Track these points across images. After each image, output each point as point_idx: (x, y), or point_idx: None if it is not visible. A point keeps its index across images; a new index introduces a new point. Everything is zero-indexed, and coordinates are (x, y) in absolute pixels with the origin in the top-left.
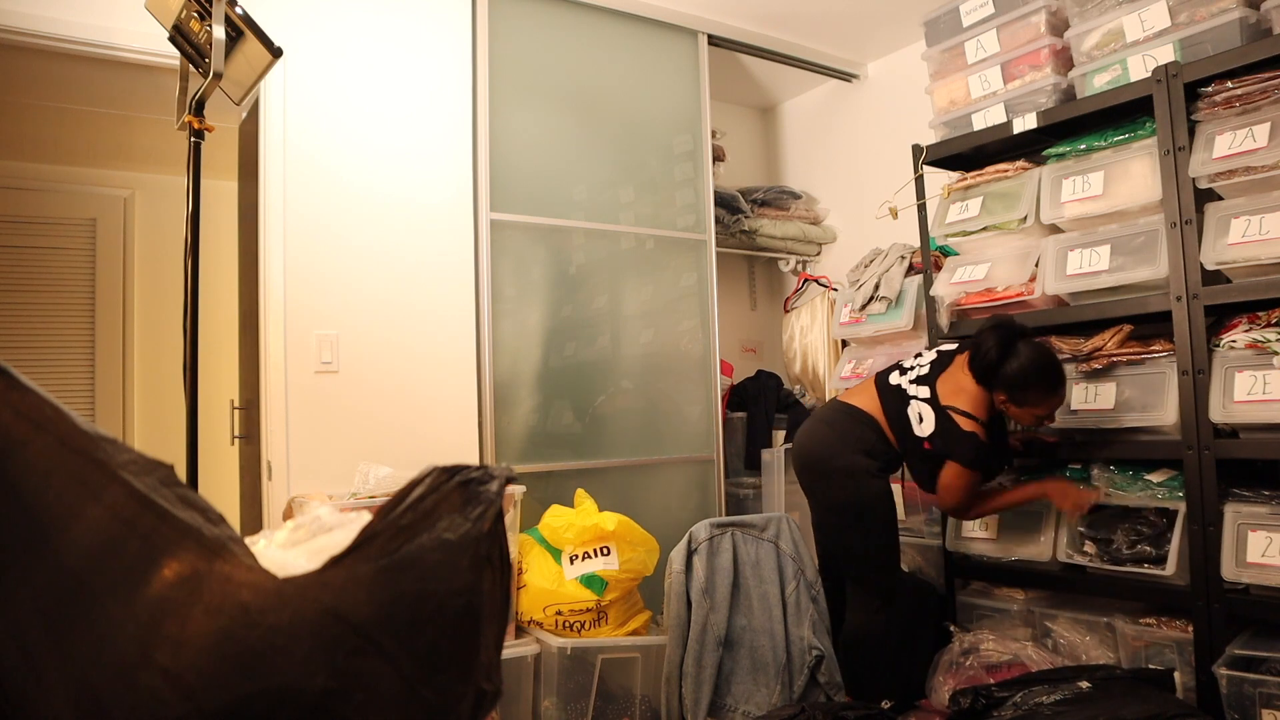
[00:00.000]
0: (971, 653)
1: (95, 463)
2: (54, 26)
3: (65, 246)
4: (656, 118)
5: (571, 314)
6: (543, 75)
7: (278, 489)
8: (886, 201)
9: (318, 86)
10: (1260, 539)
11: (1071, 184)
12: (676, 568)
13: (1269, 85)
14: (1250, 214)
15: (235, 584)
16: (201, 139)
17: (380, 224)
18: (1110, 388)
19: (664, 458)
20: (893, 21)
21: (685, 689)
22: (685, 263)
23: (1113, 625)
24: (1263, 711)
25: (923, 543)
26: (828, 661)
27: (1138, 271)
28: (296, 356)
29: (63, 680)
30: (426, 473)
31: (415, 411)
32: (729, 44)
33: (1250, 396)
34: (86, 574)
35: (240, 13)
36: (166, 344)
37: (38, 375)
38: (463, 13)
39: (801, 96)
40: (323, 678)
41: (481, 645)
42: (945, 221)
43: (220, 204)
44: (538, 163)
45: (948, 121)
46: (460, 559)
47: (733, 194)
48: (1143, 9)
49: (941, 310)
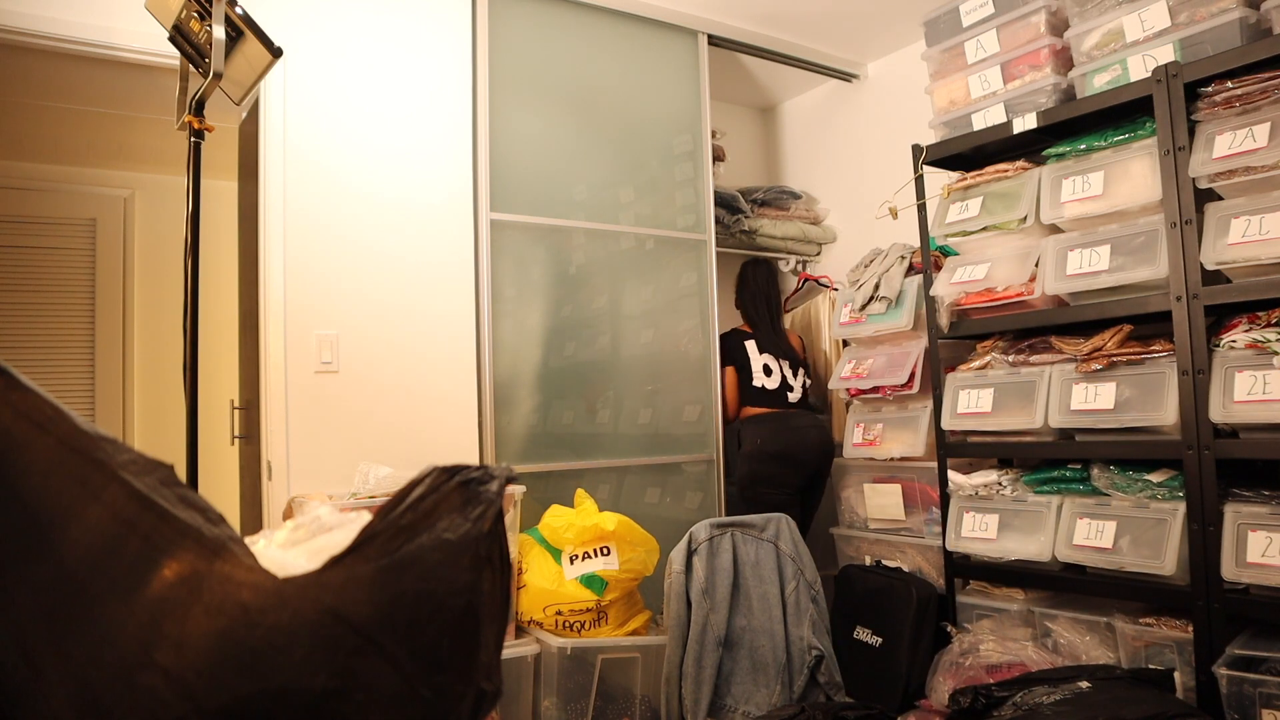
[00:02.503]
0: (971, 653)
1: (95, 463)
2: (54, 26)
3: (65, 246)
4: (656, 118)
5: (571, 314)
6: (543, 75)
7: (278, 489)
8: (886, 201)
9: (318, 86)
10: (1260, 539)
11: (1071, 184)
12: (676, 568)
13: (1269, 85)
14: (1250, 214)
15: (235, 584)
16: (201, 139)
17: (380, 224)
18: (1110, 388)
19: (664, 458)
20: (893, 21)
21: (685, 689)
22: (685, 263)
23: (1112, 625)
24: (1263, 711)
25: (923, 543)
26: (828, 661)
27: (1138, 271)
28: (296, 356)
29: (63, 680)
30: (426, 473)
31: (415, 411)
32: (729, 44)
33: (1250, 396)
34: (86, 574)
35: (240, 13)
36: (166, 344)
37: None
38: (463, 13)
39: (801, 96)
40: (323, 678)
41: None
42: (945, 221)
43: (220, 204)
44: (538, 163)
45: (948, 121)
46: (460, 559)
47: (733, 194)
48: (1143, 9)
49: (941, 310)
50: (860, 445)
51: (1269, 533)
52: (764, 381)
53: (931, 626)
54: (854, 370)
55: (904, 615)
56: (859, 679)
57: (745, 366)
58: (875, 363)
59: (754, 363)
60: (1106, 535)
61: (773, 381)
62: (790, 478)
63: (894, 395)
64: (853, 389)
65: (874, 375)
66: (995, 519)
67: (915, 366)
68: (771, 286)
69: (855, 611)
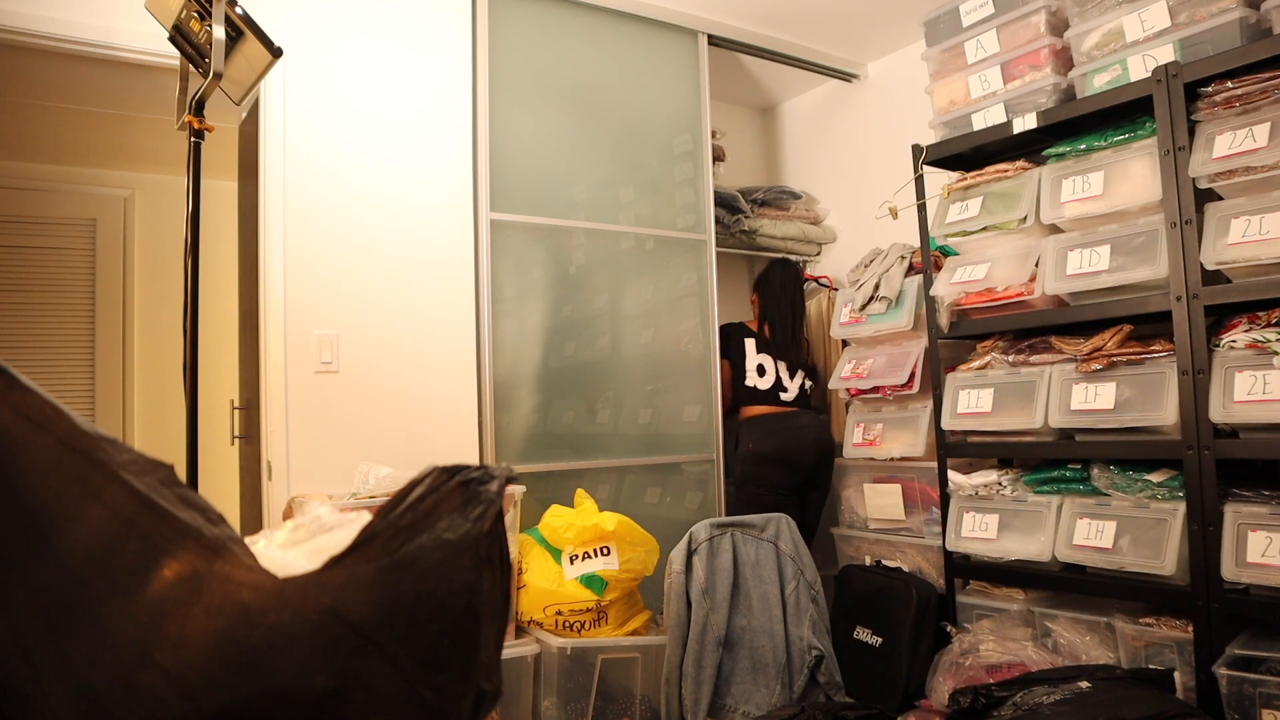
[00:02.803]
0: (971, 653)
1: (95, 463)
2: (54, 26)
3: (65, 246)
4: (656, 118)
5: (571, 314)
6: (543, 75)
7: (278, 489)
8: (886, 201)
9: (318, 86)
10: (1260, 539)
11: (1071, 184)
12: (676, 568)
13: (1269, 85)
14: (1250, 214)
15: (235, 584)
16: (201, 139)
17: (380, 224)
18: (1110, 388)
19: (664, 458)
20: (893, 21)
21: (685, 689)
22: (685, 263)
23: (1112, 625)
24: (1263, 711)
25: (923, 543)
26: (828, 661)
27: (1138, 271)
28: (296, 356)
29: (62, 680)
30: (426, 473)
31: (415, 411)
32: (729, 44)
33: (1250, 396)
34: (86, 574)
35: (240, 13)
36: (166, 344)
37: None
38: (463, 13)
39: (801, 96)
40: (323, 678)
41: (481, 645)
42: (945, 221)
43: (220, 204)
44: (538, 163)
45: (948, 121)
46: (460, 559)
47: (733, 194)
48: (1143, 9)
49: (941, 310)
50: (860, 445)
51: (1269, 533)
52: (756, 381)
53: (931, 626)
54: (854, 370)
55: (904, 615)
56: (859, 679)
57: (739, 364)
58: (875, 363)
59: (748, 361)
60: (1106, 535)
61: (765, 381)
62: (783, 479)
63: (894, 395)
64: (853, 389)
65: (874, 375)
66: (995, 519)
67: (915, 366)
68: (797, 292)
69: (855, 611)
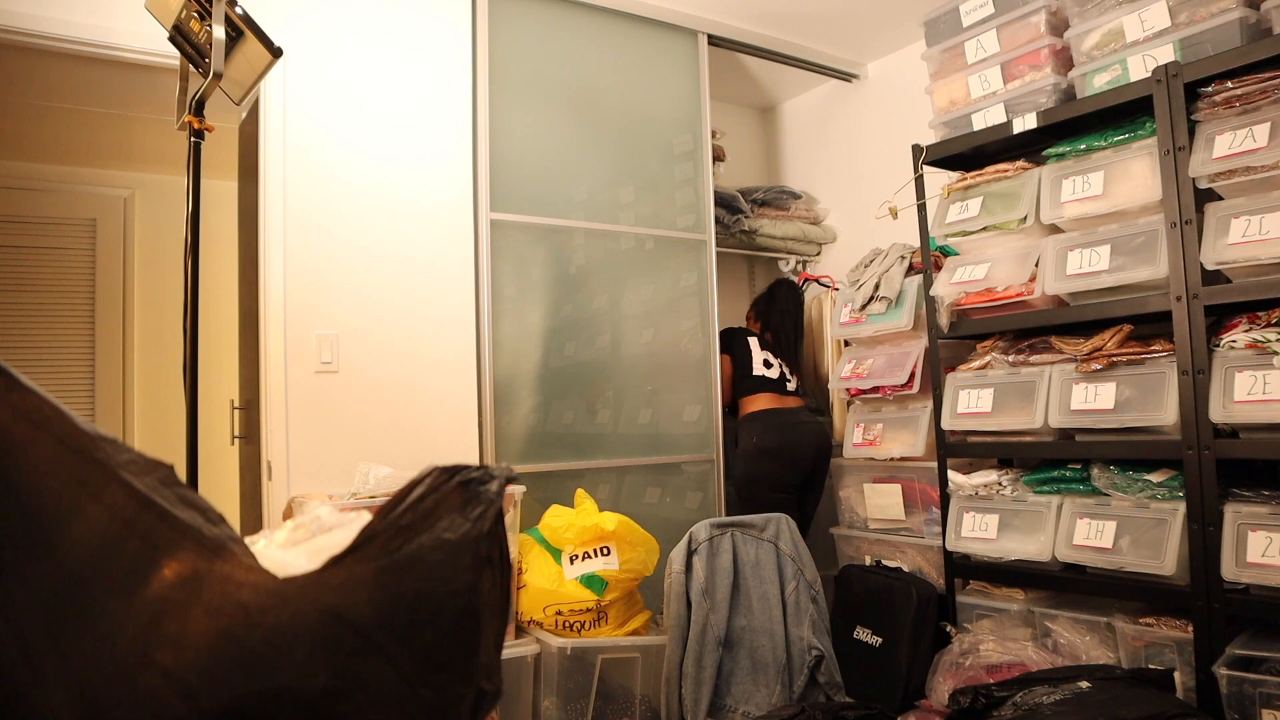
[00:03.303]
0: (971, 653)
1: (95, 463)
2: (54, 26)
3: (65, 246)
4: (656, 118)
5: (571, 314)
6: (543, 75)
7: (278, 489)
8: (886, 201)
9: (318, 86)
10: (1260, 539)
11: (1071, 184)
12: (676, 568)
13: (1269, 85)
14: (1250, 214)
15: (235, 584)
16: (201, 139)
17: (380, 224)
18: (1110, 388)
19: (664, 458)
20: (893, 21)
21: (685, 689)
22: (685, 263)
23: (1112, 625)
24: (1263, 711)
25: (923, 543)
26: (828, 661)
27: (1138, 271)
28: (296, 356)
29: (62, 680)
30: (426, 473)
31: (415, 411)
32: (729, 44)
33: (1250, 396)
34: (86, 574)
35: (240, 13)
36: (166, 344)
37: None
38: (463, 13)
39: (801, 96)
40: (323, 678)
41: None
42: (945, 221)
43: (220, 204)
44: (538, 163)
45: (948, 121)
46: (460, 559)
47: (733, 194)
48: (1143, 9)
49: (941, 310)
50: (860, 445)
51: (1269, 533)
52: (764, 371)
53: (931, 626)
54: (854, 370)
55: (904, 615)
56: (859, 679)
57: (744, 358)
58: (875, 363)
59: (754, 356)
60: (1106, 535)
61: (773, 372)
62: (788, 476)
63: (894, 395)
64: (853, 389)
65: (874, 375)
66: (995, 519)
67: (915, 366)
68: (800, 314)
69: (855, 611)
